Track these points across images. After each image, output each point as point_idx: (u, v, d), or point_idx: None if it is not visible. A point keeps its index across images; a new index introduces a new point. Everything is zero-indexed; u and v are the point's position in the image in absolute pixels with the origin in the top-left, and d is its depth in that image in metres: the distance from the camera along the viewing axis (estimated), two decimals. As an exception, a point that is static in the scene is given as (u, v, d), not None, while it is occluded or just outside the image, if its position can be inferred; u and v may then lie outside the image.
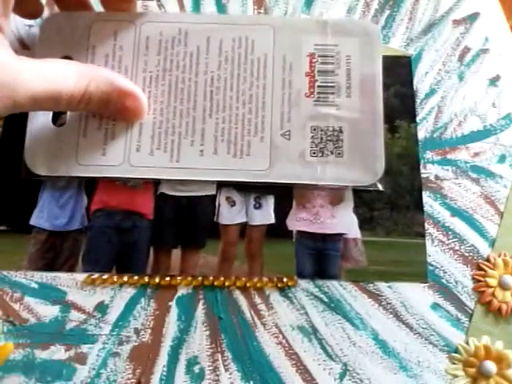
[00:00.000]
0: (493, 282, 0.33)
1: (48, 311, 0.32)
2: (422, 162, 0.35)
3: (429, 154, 0.35)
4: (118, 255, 0.33)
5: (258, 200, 0.34)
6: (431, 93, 0.37)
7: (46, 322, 0.32)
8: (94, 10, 0.36)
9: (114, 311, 0.32)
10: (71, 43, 0.34)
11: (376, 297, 0.32)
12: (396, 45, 0.38)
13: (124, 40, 0.35)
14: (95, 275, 0.33)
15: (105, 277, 0.33)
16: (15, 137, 0.34)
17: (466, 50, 0.38)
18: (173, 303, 0.32)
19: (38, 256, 0.33)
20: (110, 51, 0.34)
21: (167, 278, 0.32)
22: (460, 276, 0.33)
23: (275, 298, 0.32)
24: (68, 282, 0.33)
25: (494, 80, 0.37)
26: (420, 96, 0.37)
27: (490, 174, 0.35)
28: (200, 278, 0.33)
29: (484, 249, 0.34)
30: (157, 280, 0.32)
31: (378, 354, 0.31)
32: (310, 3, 0.39)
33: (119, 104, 0.32)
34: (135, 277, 0.33)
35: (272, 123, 0.33)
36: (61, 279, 0.33)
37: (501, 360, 0.31)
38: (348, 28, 0.35)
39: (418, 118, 0.36)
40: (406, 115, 0.36)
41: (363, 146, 0.33)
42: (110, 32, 0.35)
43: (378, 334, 0.32)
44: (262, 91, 0.34)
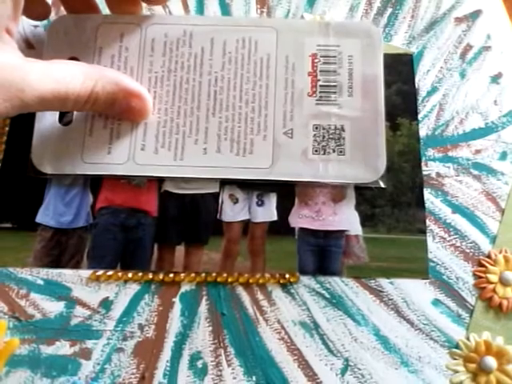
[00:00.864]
0: (494, 278, 0.33)
1: (53, 307, 0.33)
2: (423, 159, 0.35)
3: (430, 152, 0.36)
4: (122, 252, 0.34)
5: (260, 197, 0.35)
6: (433, 90, 0.37)
7: (52, 317, 0.32)
8: (101, 13, 0.36)
9: (119, 307, 0.33)
10: (78, 45, 0.35)
11: (377, 293, 0.33)
12: (398, 43, 0.38)
13: (130, 42, 0.35)
14: (100, 272, 0.33)
15: (109, 273, 0.33)
16: (22, 135, 0.35)
17: (468, 47, 0.38)
18: (176, 299, 0.33)
19: (43, 253, 0.33)
20: (116, 52, 0.35)
21: (171, 275, 0.33)
22: (461, 272, 0.33)
23: (277, 294, 0.33)
24: (73, 278, 0.33)
25: (496, 77, 0.37)
26: (422, 94, 0.37)
27: (491, 171, 0.35)
28: (203, 275, 0.33)
29: (485, 245, 0.34)
30: (161, 276, 0.33)
31: (380, 350, 0.32)
32: (312, 2, 0.39)
33: (125, 104, 0.32)
34: (139, 273, 0.33)
35: (275, 122, 0.33)
36: (66, 276, 0.33)
37: (501, 355, 0.31)
38: (350, 29, 0.35)
39: (419, 116, 0.36)
40: (408, 113, 0.36)
41: (365, 144, 0.33)
42: (116, 34, 0.35)
43: (379, 329, 0.32)
44: (265, 91, 0.34)
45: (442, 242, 0.34)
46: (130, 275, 0.33)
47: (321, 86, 0.34)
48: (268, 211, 0.34)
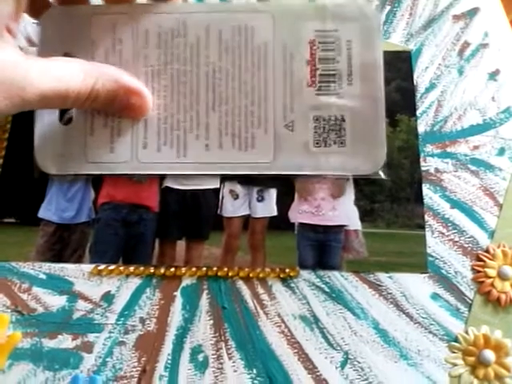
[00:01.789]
0: (492, 272, 0.33)
1: (55, 301, 0.33)
2: (422, 155, 0.36)
3: (429, 148, 0.36)
4: (124, 247, 0.34)
5: (260, 193, 0.35)
6: (431, 87, 0.37)
7: (54, 311, 0.33)
8: (90, 3, 0.35)
9: (120, 301, 0.33)
10: (71, 39, 0.34)
11: (377, 287, 0.33)
12: (396, 40, 0.39)
13: (123, 34, 0.34)
14: (102, 266, 0.33)
15: (111, 268, 0.33)
16: (23, 131, 0.35)
17: (466, 44, 0.38)
18: (177, 293, 0.33)
19: (46, 248, 0.34)
20: (109, 46, 0.34)
21: (172, 269, 0.33)
22: (459, 267, 0.33)
23: (278, 288, 0.33)
24: (75, 272, 0.33)
25: (494, 74, 0.38)
26: (420, 90, 0.37)
27: (489, 167, 0.35)
28: (204, 269, 0.33)
29: (483, 240, 0.34)
30: (162, 271, 0.33)
31: (379, 343, 0.32)
32: None
33: (125, 101, 0.32)
34: (141, 268, 0.33)
35: (275, 114, 0.33)
36: (68, 270, 0.33)
37: (499, 349, 0.31)
38: (348, 12, 0.34)
39: (418, 112, 0.37)
40: (407, 109, 0.36)
41: (365, 134, 0.33)
42: (108, 26, 0.34)
43: (378, 323, 0.32)
44: (264, 82, 0.33)
45: (441, 236, 0.34)
46: (131, 269, 0.33)
47: (320, 75, 0.33)
48: (268, 206, 0.35)
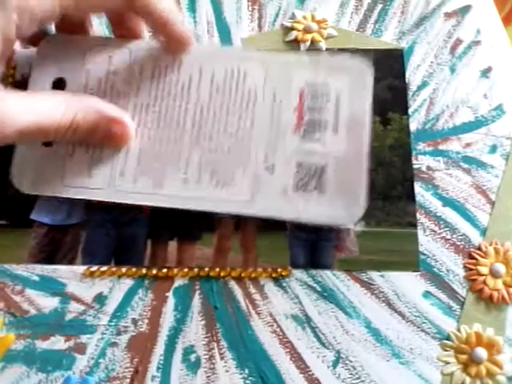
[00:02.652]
0: (484, 270, 0.33)
1: (48, 303, 0.33)
2: (413, 153, 0.36)
3: (421, 146, 0.36)
4: (116, 248, 0.34)
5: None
6: (423, 85, 0.37)
7: (47, 313, 0.33)
8: (91, 35, 0.36)
9: (113, 302, 0.33)
10: (66, 66, 0.34)
11: (368, 286, 0.33)
12: (388, 38, 0.39)
13: (119, 65, 0.34)
14: (94, 267, 0.33)
15: (103, 269, 0.33)
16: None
17: (458, 42, 0.38)
18: (170, 294, 0.33)
19: (38, 249, 0.34)
20: (103, 75, 0.34)
21: (164, 270, 0.33)
22: (452, 264, 0.33)
23: (270, 287, 0.33)
24: (68, 274, 0.33)
25: (486, 71, 0.38)
26: (412, 88, 0.37)
27: (481, 164, 0.35)
28: (196, 270, 0.33)
29: (475, 238, 0.34)
30: (154, 272, 0.33)
31: (371, 342, 0.32)
32: (303, -1, 0.40)
33: (106, 131, 0.32)
34: (133, 269, 0.33)
35: (257, 156, 0.33)
36: (61, 272, 0.33)
37: (491, 346, 0.31)
38: (340, 65, 0.34)
39: (410, 110, 0.37)
40: (399, 107, 0.36)
41: (346, 185, 0.32)
42: (105, 57, 0.34)
43: (370, 322, 0.32)
44: (250, 124, 0.33)
45: (433, 234, 0.34)
46: (123, 270, 0.33)
47: (306, 122, 0.33)
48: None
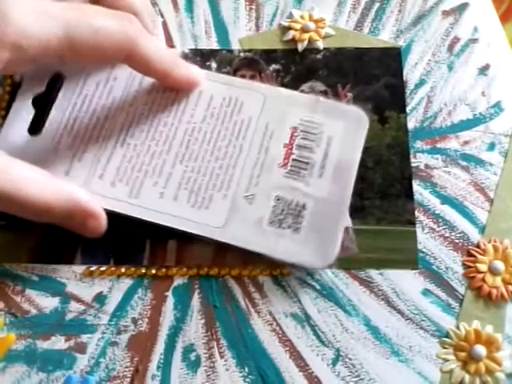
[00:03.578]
0: (483, 267, 0.33)
1: (48, 303, 0.33)
2: (411, 151, 0.36)
3: (419, 144, 0.36)
4: (115, 248, 0.34)
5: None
6: (421, 83, 0.37)
7: (47, 313, 0.33)
8: None
9: (112, 302, 0.33)
10: (68, 64, 0.35)
11: (367, 284, 0.33)
12: (386, 37, 0.39)
13: (120, 72, 0.35)
14: (93, 267, 0.34)
15: (103, 268, 0.33)
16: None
17: (456, 40, 0.38)
18: (169, 293, 0.33)
19: (38, 249, 0.34)
20: (103, 79, 0.35)
21: (163, 269, 0.33)
22: (450, 262, 0.33)
23: (269, 286, 0.33)
24: (67, 274, 0.34)
25: (484, 69, 0.38)
26: (410, 87, 0.37)
27: (479, 162, 0.35)
28: (195, 269, 0.33)
29: (474, 235, 0.34)
30: (153, 271, 0.33)
31: (370, 340, 0.32)
32: (301, -2, 0.40)
33: (80, 222, 0.31)
34: (132, 268, 0.33)
35: (239, 183, 0.33)
36: (60, 271, 0.34)
37: (490, 343, 0.31)
38: (338, 110, 0.34)
39: (407, 109, 0.37)
40: (396, 106, 0.36)
41: (322, 228, 0.32)
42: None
43: (369, 320, 0.32)
44: (238, 151, 0.33)
45: (431, 232, 0.34)
46: (123, 270, 0.33)
47: (294, 159, 0.33)
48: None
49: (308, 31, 0.38)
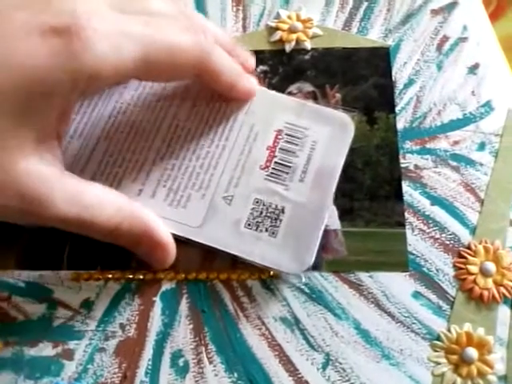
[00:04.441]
0: (474, 269, 0.33)
1: (35, 309, 0.33)
2: (401, 152, 0.35)
3: (408, 144, 0.36)
4: (102, 253, 0.34)
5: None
6: (410, 83, 0.37)
7: (34, 319, 0.32)
8: None
9: (100, 307, 0.33)
10: None
11: (357, 287, 0.33)
12: (374, 36, 0.38)
13: None
14: (80, 272, 0.33)
15: (90, 274, 0.33)
16: None
17: (445, 39, 0.38)
18: (157, 298, 0.33)
19: (24, 256, 0.34)
20: None
21: (151, 274, 0.33)
22: (441, 264, 0.33)
23: (258, 290, 0.33)
24: (54, 280, 0.33)
25: (473, 68, 0.37)
26: (399, 86, 0.37)
27: (469, 162, 0.35)
28: (183, 273, 0.33)
29: (465, 236, 0.34)
30: (141, 276, 0.33)
31: (360, 344, 0.32)
32: (288, -2, 0.39)
33: (147, 251, 0.31)
34: (119, 273, 0.33)
35: (218, 184, 0.33)
36: (47, 277, 0.33)
37: (482, 346, 0.31)
38: (324, 115, 0.34)
39: (396, 109, 0.36)
40: (385, 106, 0.36)
41: (300, 233, 0.32)
42: None
43: (359, 323, 0.32)
44: (220, 151, 0.33)
45: (422, 234, 0.34)
46: (110, 275, 0.33)
47: (276, 162, 0.33)
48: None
49: (295, 31, 0.38)
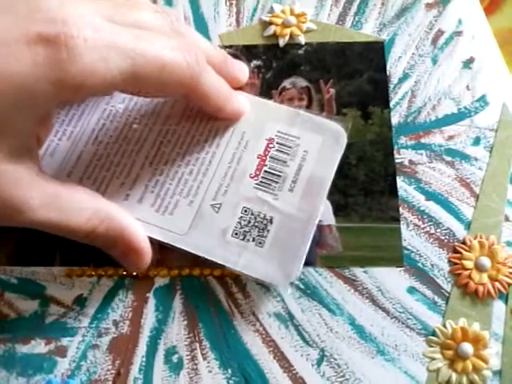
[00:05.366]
0: (469, 264, 0.33)
1: (28, 306, 0.33)
2: (395, 147, 0.35)
3: (402, 139, 0.35)
4: (95, 249, 0.33)
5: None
6: (404, 77, 0.37)
7: (26, 316, 0.32)
8: None
9: (93, 304, 0.33)
10: None
11: (352, 282, 0.33)
12: (369, 30, 0.38)
13: None
14: (73, 269, 0.33)
15: (83, 270, 0.33)
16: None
17: (440, 33, 0.38)
18: (150, 294, 0.33)
19: (16, 252, 0.33)
20: None
21: (144, 270, 0.33)
22: (436, 259, 0.33)
23: (252, 286, 0.33)
24: (47, 276, 0.33)
25: (468, 62, 0.37)
26: (393, 81, 0.37)
27: (464, 157, 0.35)
28: (177, 269, 0.33)
29: (460, 231, 0.34)
30: (134, 272, 0.33)
31: (355, 339, 0.32)
32: (282, -8, 0.39)
33: (121, 254, 0.30)
34: (112, 269, 0.33)
35: (207, 191, 0.32)
36: (39, 274, 0.33)
37: (477, 341, 0.31)
38: (317, 125, 0.33)
39: (391, 104, 0.36)
40: (380, 101, 0.36)
41: (287, 244, 0.31)
42: None
43: (354, 319, 0.32)
44: (210, 158, 0.33)
45: (416, 229, 0.34)
46: (103, 272, 0.33)
47: (265, 171, 0.32)
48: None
49: (289, 26, 0.38)
